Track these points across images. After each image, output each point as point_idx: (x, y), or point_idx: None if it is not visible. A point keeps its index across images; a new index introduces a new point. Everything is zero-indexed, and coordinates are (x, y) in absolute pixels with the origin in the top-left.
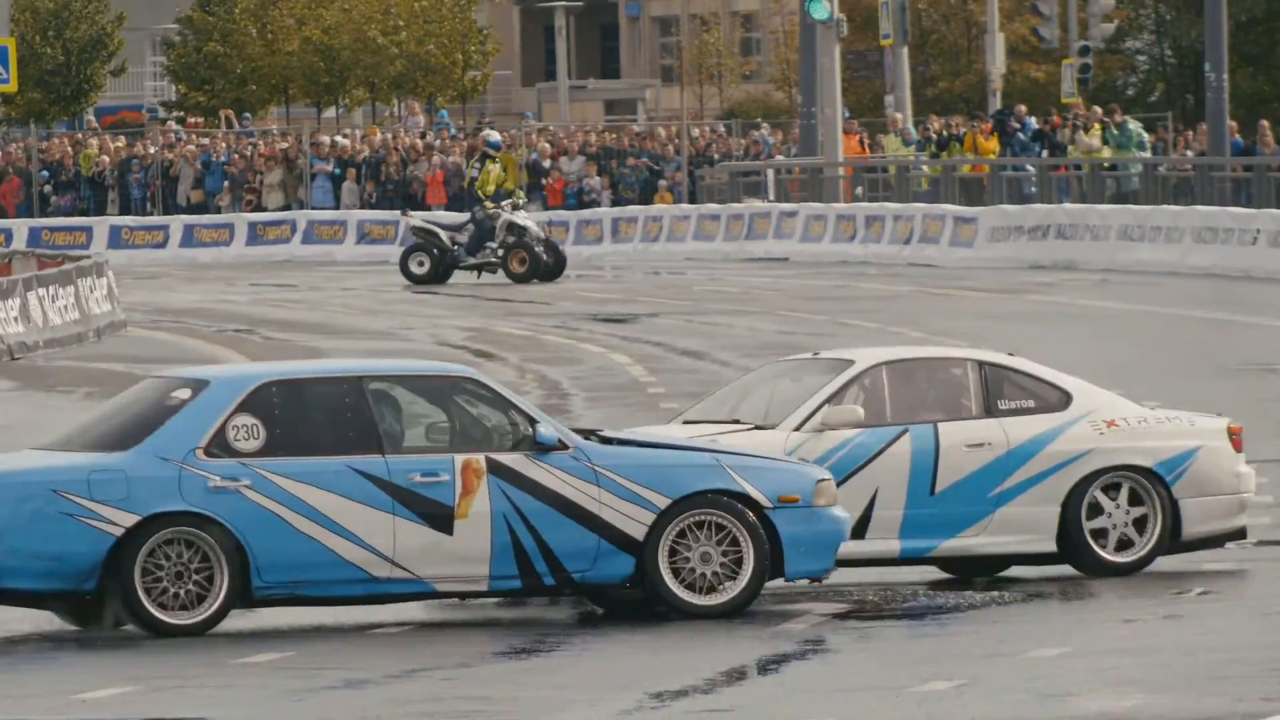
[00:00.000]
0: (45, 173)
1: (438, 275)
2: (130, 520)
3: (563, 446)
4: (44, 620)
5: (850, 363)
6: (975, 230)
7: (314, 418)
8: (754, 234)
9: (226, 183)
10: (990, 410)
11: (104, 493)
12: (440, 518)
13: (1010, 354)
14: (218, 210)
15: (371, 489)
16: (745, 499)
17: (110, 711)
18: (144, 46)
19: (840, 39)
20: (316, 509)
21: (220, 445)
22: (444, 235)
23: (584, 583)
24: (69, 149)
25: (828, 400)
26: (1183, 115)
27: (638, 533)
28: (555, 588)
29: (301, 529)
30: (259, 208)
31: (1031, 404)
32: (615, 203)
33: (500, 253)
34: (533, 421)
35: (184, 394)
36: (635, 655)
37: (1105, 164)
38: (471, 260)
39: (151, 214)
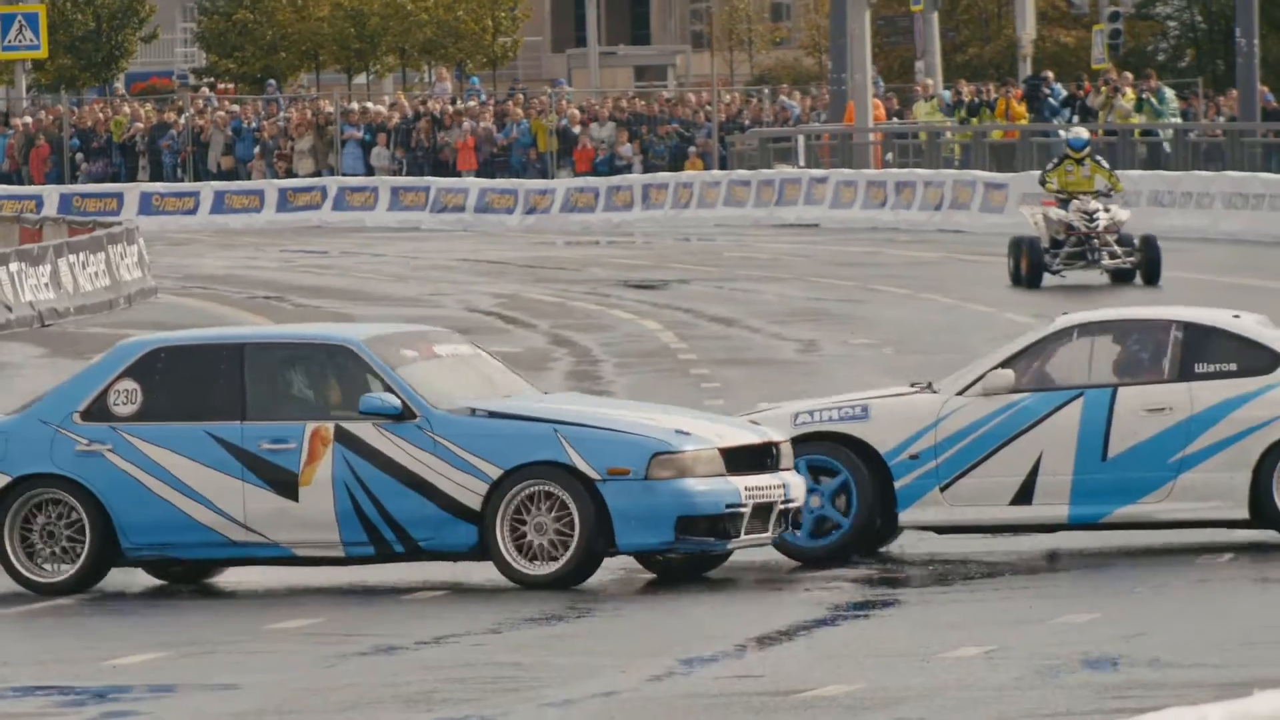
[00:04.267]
0: (75, 141)
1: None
2: (2, 481)
3: (409, 415)
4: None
5: (1047, 324)
6: (1006, 196)
7: (188, 384)
8: (784, 200)
9: (257, 149)
10: (1184, 374)
11: None
12: (285, 484)
13: (1236, 315)
14: (248, 177)
15: (223, 454)
16: (573, 470)
17: (140, 677)
18: (174, 13)
19: (870, 4)
20: (171, 473)
21: (100, 410)
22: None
23: (431, 549)
24: (100, 115)
25: (1002, 363)
26: (1213, 81)
27: (474, 502)
28: (405, 554)
29: (158, 493)
30: (290, 174)
31: (1234, 367)
32: (646, 169)
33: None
34: (387, 390)
35: (96, 358)
36: (667, 621)
37: (1136, 130)
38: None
39: (182, 180)
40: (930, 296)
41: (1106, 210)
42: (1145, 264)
